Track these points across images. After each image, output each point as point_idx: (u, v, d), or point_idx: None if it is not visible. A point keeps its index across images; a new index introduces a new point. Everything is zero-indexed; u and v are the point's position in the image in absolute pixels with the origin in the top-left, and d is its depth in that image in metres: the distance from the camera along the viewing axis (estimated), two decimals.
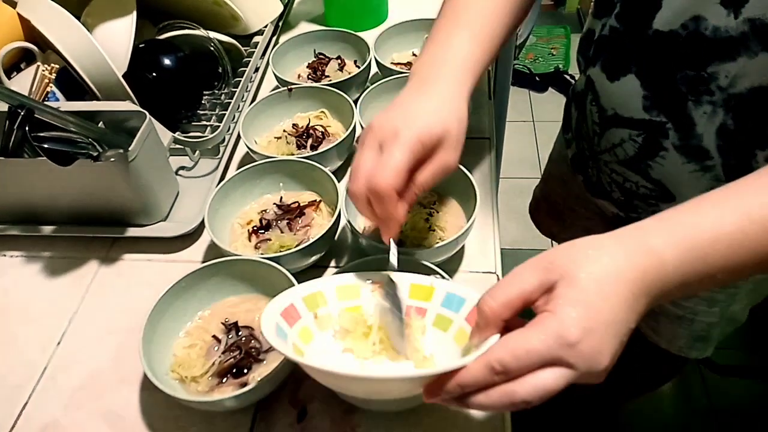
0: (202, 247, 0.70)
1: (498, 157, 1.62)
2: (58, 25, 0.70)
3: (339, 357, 0.47)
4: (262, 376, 0.51)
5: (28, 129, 0.61)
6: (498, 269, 0.65)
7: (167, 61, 0.79)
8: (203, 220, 0.64)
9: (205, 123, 0.82)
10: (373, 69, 0.91)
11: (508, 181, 1.97)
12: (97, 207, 0.69)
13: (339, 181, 0.68)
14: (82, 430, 0.55)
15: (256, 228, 0.67)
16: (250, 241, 0.66)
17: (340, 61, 0.93)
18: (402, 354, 0.47)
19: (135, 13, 0.76)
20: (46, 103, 0.70)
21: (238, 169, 0.70)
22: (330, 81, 0.87)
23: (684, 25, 0.49)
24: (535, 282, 0.36)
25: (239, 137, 0.78)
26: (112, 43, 0.74)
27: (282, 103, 0.82)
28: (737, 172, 0.53)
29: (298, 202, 0.69)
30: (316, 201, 0.69)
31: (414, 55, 0.95)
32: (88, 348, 0.61)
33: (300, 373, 0.48)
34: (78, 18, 0.72)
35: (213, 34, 0.86)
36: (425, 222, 0.66)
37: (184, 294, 0.58)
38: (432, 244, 0.63)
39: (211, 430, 0.54)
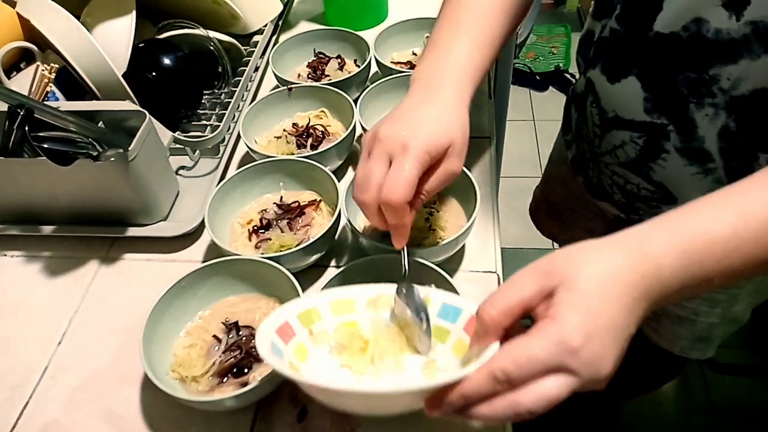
0: (203, 246, 0.70)
1: (498, 156, 1.62)
2: (57, 24, 0.70)
3: (336, 373, 0.46)
4: (262, 375, 0.51)
5: (27, 129, 0.61)
6: (498, 268, 0.65)
7: (167, 61, 0.79)
8: (203, 220, 0.64)
9: (205, 122, 0.82)
10: (373, 68, 0.91)
11: (508, 181, 1.97)
12: (97, 207, 0.69)
13: (339, 180, 0.68)
14: (83, 429, 0.55)
15: (256, 227, 0.67)
16: (251, 240, 0.66)
17: (340, 60, 0.93)
18: (425, 353, 0.47)
19: (134, 12, 0.76)
20: (45, 102, 0.70)
21: (238, 168, 0.70)
22: (330, 80, 0.87)
23: (685, 27, 0.49)
24: (535, 288, 0.36)
25: (239, 137, 0.78)
26: (112, 42, 0.74)
27: (282, 103, 0.81)
28: (739, 174, 0.53)
29: (298, 201, 0.69)
30: (316, 200, 0.69)
31: (414, 54, 0.94)
32: (89, 348, 0.61)
33: None
34: (77, 17, 0.72)
35: (213, 34, 0.86)
36: (426, 221, 0.66)
37: (184, 294, 0.58)
38: (432, 243, 0.63)
39: (212, 429, 0.54)
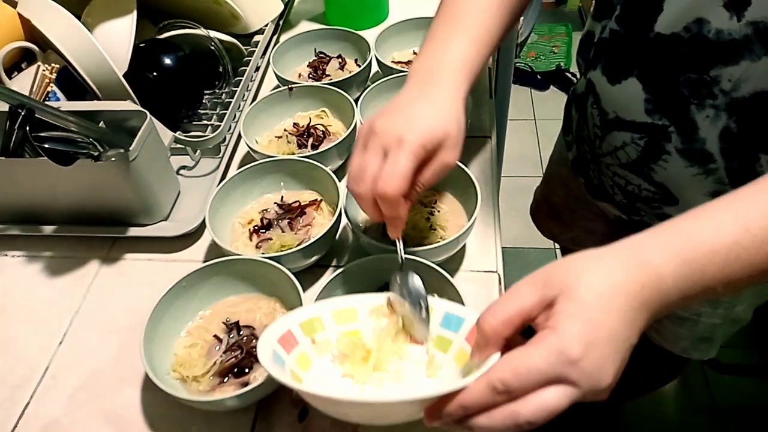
0: (203, 246, 0.70)
1: (499, 155, 1.62)
2: (58, 24, 0.70)
3: (338, 383, 0.46)
4: (263, 375, 0.51)
5: (28, 129, 0.61)
6: (499, 268, 0.65)
7: (168, 61, 0.79)
8: (204, 220, 0.64)
9: (205, 122, 0.82)
10: (374, 68, 0.91)
11: (509, 180, 1.97)
12: (97, 207, 0.69)
13: (340, 180, 0.68)
14: (84, 429, 0.55)
15: (257, 227, 0.67)
16: (251, 240, 0.66)
17: (340, 59, 0.93)
18: (423, 340, 0.48)
19: (135, 12, 0.76)
20: (46, 102, 0.70)
21: (239, 168, 0.70)
22: (331, 80, 0.87)
23: (686, 28, 0.49)
24: (535, 298, 0.36)
25: (240, 136, 0.78)
26: (113, 42, 0.74)
27: (283, 103, 0.81)
28: (741, 175, 0.53)
29: (299, 201, 0.69)
30: (317, 200, 0.69)
31: (415, 53, 0.94)
32: (90, 348, 0.61)
33: None
34: (78, 18, 0.73)
35: (213, 34, 0.86)
36: (426, 221, 0.66)
37: (185, 293, 0.58)
38: (433, 243, 0.63)
39: (213, 429, 0.54)
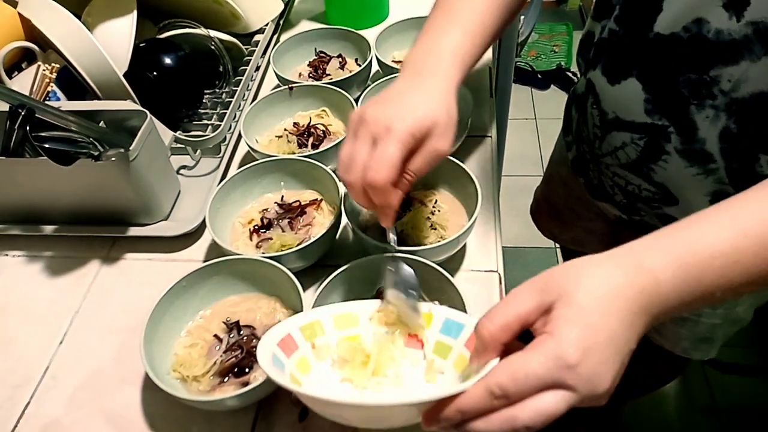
0: (204, 246, 0.70)
1: (500, 154, 1.62)
2: (58, 24, 0.70)
3: (337, 387, 0.46)
4: (263, 375, 0.51)
5: (29, 129, 0.61)
6: (500, 268, 0.65)
7: (168, 60, 0.79)
8: (204, 220, 0.64)
9: (206, 122, 0.82)
10: (374, 67, 0.91)
11: (509, 179, 1.96)
12: (98, 206, 0.69)
13: (340, 180, 0.68)
14: (84, 429, 0.55)
15: (257, 227, 0.67)
16: (252, 240, 0.66)
17: (341, 59, 0.93)
18: (414, 326, 0.48)
19: (135, 12, 0.76)
20: (46, 102, 0.70)
21: (239, 168, 0.70)
22: (331, 79, 0.87)
23: (686, 28, 0.49)
24: (533, 303, 0.36)
25: (240, 136, 0.78)
26: (113, 42, 0.74)
27: (283, 102, 0.81)
28: (741, 175, 0.53)
29: (299, 200, 0.69)
30: (317, 200, 0.69)
31: None
32: (90, 347, 0.61)
33: None
34: (78, 17, 0.73)
35: (214, 33, 0.86)
36: (426, 220, 0.66)
37: (185, 293, 0.58)
38: (433, 242, 0.63)
39: (213, 429, 0.54)
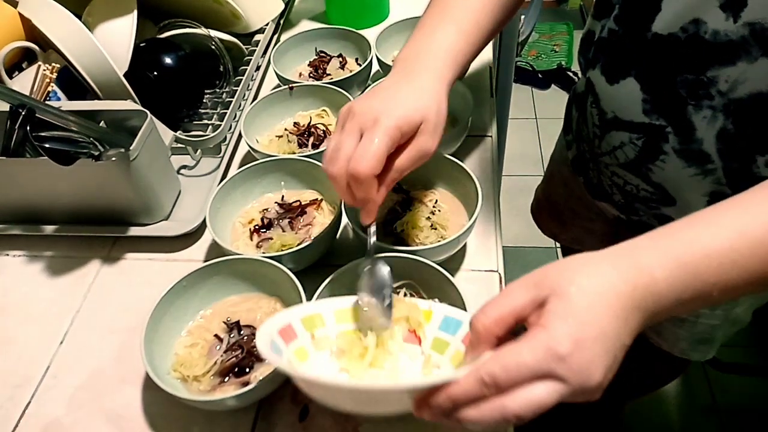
0: (204, 246, 0.70)
1: (500, 154, 1.62)
2: (59, 24, 0.70)
3: (334, 376, 0.47)
4: (263, 375, 0.51)
5: (29, 129, 0.61)
6: (500, 267, 0.65)
7: (168, 60, 0.79)
8: (205, 219, 0.64)
9: (206, 122, 0.82)
10: (375, 67, 0.91)
11: (510, 179, 1.96)
12: (98, 206, 0.69)
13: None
14: (84, 429, 0.55)
15: (257, 227, 0.67)
16: (252, 240, 0.66)
17: (341, 59, 0.93)
18: (386, 327, 0.48)
19: (136, 12, 0.76)
20: (47, 102, 0.70)
21: (239, 167, 0.70)
22: (331, 79, 0.87)
23: (683, 28, 0.49)
24: (527, 298, 0.36)
25: (240, 136, 0.78)
26: (113, 42, 0.74)
27: (283, 102, 0.81)
28: (738, 176, 0.53)
29: (299, 200, 0.69)
30: (317, 200, 0.69)
31: None
32: (90, 347, 0.61)
33: None
34: (79, 17, 0.72)
35: (214, 33, 0.86)
36: (427, 220, 0.66)
37: (185, 293, 0.58)
38: (434, 242, 0.63)
39: (213, 429, 0.54)
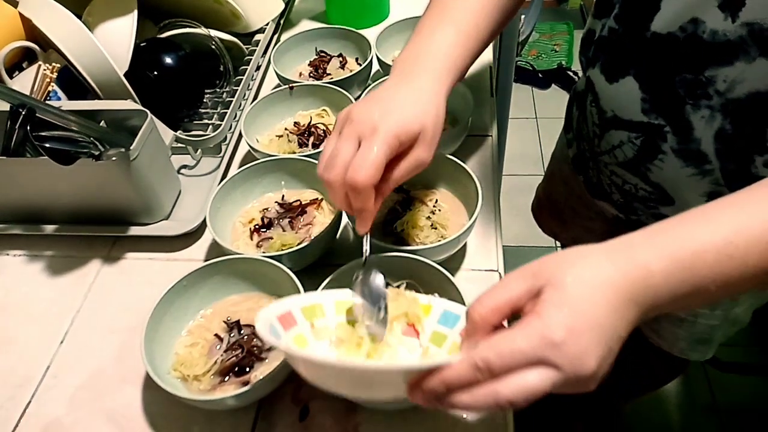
0: (204, 245, 0.70)
1: (500, 154, 1.62)
2: (59, 24, 0.70)
3: (331, 355, 0.47)
4: (264, 374, 0.51)
5: (29, 128, 0.61)
6: (500, 267, 0.65)
7: (168, 60, 0.79)
8: (205, 219, 0.64)
9: (206, 121, 0.82)
10: (375, 67, 0.91)
11: (510, 179, 1.96)
12: (98, 206, 0.69)
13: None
14: (85, 428, 0.55)
15: (257, 226, 0.67)
16: (252, 239, 0.66)
17: (341, 58, 0.93)
18: (381, 340, 0.48)
19: (136, 11, 0.76)
20: (47, 102, 0.70)
21: (239, 167, 0.70)
22: (331, 79, 0.87)
23: (682, 28, 0.49)
24: (523, 288, 0.36)
25: (241, 136, 0.78)
26: (114, 41, 0.74)
27: (283, 102, 0.81)
28: (736, 176, 0.53)
29: (299, 200, 0.69)
30: (317, 199, 0.69)
31: None
32: (91, 347, 0.61)
33: None
34: (79, 17, 0.72)
35: (214, 33, 0.86)
36: (427, 220, 0.66)
37: (185, 293, 0.58)
38: (434, 242, 0.63)
39: (213, 428, 0.54)
